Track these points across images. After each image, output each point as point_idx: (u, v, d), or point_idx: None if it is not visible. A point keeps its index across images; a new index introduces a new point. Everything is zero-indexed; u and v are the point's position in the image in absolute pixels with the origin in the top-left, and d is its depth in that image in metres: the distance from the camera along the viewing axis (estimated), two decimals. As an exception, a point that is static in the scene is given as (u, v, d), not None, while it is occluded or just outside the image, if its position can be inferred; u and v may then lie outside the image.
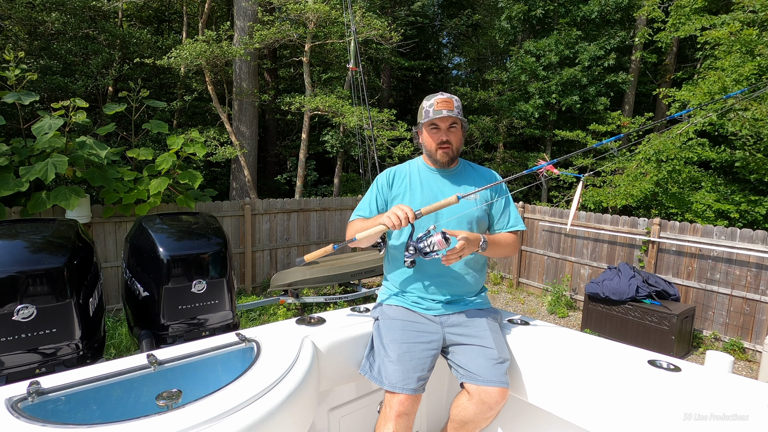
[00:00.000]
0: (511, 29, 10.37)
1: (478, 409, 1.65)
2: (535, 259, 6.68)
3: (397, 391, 1.61)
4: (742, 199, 6.83)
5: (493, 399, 1.63)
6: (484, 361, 1.68)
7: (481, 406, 1.65)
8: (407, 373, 1.63)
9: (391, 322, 1.81)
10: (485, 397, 1.64)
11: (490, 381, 1.64)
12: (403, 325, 1.78)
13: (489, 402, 1.64)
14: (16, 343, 1.95)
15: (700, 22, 6.87)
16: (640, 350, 1.71)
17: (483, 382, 1.64)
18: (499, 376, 1.66)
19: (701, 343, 4.86)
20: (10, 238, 2.19)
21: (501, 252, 1.90)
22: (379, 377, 1.67)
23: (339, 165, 9.69)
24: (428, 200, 1.85)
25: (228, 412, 1.21)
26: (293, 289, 5.09)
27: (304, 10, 7.18)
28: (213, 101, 7.85)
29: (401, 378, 1.62)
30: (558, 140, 10.14)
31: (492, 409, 1.65)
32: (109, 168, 4.86)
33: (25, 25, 7.63)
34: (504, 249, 1.91)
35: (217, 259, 2.63)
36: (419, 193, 1.91)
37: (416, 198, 1.90)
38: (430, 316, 1.84)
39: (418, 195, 1.91)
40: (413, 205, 1.76)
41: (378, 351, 1.75)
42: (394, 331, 1.76)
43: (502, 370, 1.68)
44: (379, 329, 1.82)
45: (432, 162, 1.95)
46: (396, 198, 1.94)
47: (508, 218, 1.98)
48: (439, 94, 1.87)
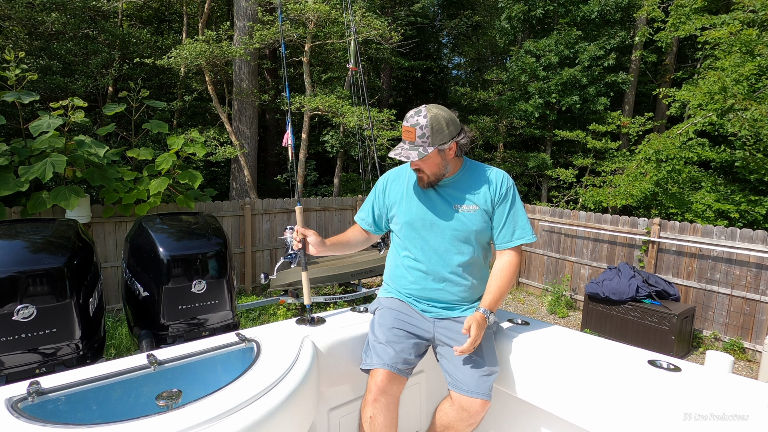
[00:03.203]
0: (511, 29, 10.37)
1: (458, 416, 1.68)
2: (535, 259, 6.68)
3: (379, 366, 1.66)
4: (742, 199, 6.83)
5: (473, 409, 1.65)
6: (471, 371, 1.68)
7: (461, 413, 1.67)
8: (393, 353, 1.69)
9: (386, 311, 1.84)
10: (466, 406, 1.65)
11: (473, 392, 1.65)
12: (396, 314, 1.82)
13: (469, 411, 1.65)
14: (16, 343, 1.95)
15: (700, 22, 6.87)
16: (640, 350, 1.71)
17: (467, 392, 1.66)
18: (484, 389, 1.65)
19: (701, 343, 4.86)
20: (10, 238, 2.19)
21: (507, 292, 1.76)
22: (370, 362, 1.71)
23: (339, 165, 9.69)
24: (421, 214, 1.78)
25: (228, 412, 1.21)
26: (293, 289, 5.09)
27: (304, 10, 7.18)
28: (213, 101, 7.85)
29: (385, 356, 1.68)
30: (558, 140, 10.14)
31: (472, 417, 1.66)
32: (109, 168, 4.86)
33: (25, 25, 7.63)
34: (507, 288, 1.75)
35: (217, 259, 2.64)
36: (415, 205, 1.81)
37: (411, 211, 1.81)
38: (425, 315, 1.84)
39: (413, 207, 1.81)
40: (406, 218, 1.80)
41: (370, 338, 1.79)
42: (387, 318, 1.80)
43: (488, 383, 1.67)
44: (373, 319, 1.87)
45: None
46: (392, 206, 1.88)
47: (512, 229, 1.76)
48: (406, 119, 1.68)
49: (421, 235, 1.79)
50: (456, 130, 1.71)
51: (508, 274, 1.74)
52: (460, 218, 1.74)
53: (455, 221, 1.74)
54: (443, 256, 1.77)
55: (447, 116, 1.68)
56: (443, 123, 1.66)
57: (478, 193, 1.75)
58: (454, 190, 1.78)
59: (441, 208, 1.77)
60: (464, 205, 1.74)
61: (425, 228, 1.78)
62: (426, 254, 1.79)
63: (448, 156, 1.72)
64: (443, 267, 1.77)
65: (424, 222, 1.78)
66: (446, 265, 1.77)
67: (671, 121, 9.81)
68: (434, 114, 1.66)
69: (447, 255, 1.77)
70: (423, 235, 1.79)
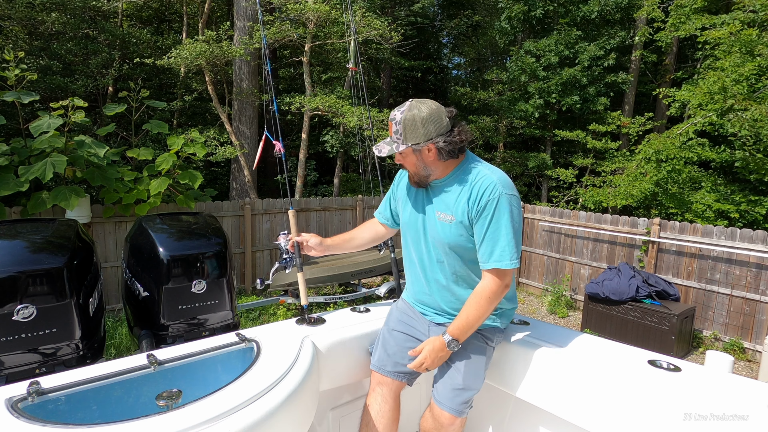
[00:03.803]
0: (510, 29, 10.37)
1: (433, 424, 1.70)
2: (535, 259, 6.68)
3: (374, 369, 1.79)
4: (742, 199, 6.83)
5: (444, 421, 1.65)
6: (446, 384, 1.67)
7: (434, 422, 1.70)
8: (385, 355, 1.78)
9: (394, 310, 1.91)
10: (438, 416, 1.67)
11: (443, 405, 1.66)
12: (399, 316, 1.86)
13: (441, 421, 1.66)
14: (16, 343, 1.95)
15: (700, 22, 6.87)
16: (640, 350, 1.71)
17: (438, 403, 1.68)
18: (455, 404, 1.64)
19: (701, 343, 4.86)
20: (10, 238, 2.19)
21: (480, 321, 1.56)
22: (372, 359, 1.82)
23: (339, 165, 9.69)
24: (412, 217, 1.73)
25: (228, 412, 1.20)
26: (293, 289, 5.08)
27: (304, 10, 7.18)
28: (213, 101, 7.85)
29: (378, 358, 1.79)
30: (558, 140, 10.14)
31: (444, 428, 1.66)
32: (109, 168, 4.86)
33: (25, 25, 7.63)
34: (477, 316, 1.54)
35: (217, 259, 2.64)
36: (410, 206, 1.75)
37: (406, 210, 1.77)
38: (420, 314, 1.85)
39: (408, 208, 1.76)
40: (403, 217, 1.80)
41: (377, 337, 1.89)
42: (390, 321, 1.87)
43: (461, 399, 1.64)
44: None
45: None
46: (399, 202, 1.85)
47: (491, 249, 1.51)
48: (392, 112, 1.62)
49: (412, 236, 1.75)
50: (436, 132, 1.54)
51: (478, 300, 1.54)
52: (437, 227, 1.63)
53: (433, 228, 1.65)
54: (428, 261, 1.71)
55: (427, 116, 1.54)
56: (418, 122, 1.54)
57: (458, 203, 1.58)
58: (441, 193, 1.63)
59: (427, 212, 1.67)
60: (443, 213, 1.61)
61: (415, 229, 1.73)
62: (417, 255, 1.75)
63: (426, 157, 1.58)
64: (429, 271, 1.72)
65: (414, 223, 1.73)
66: (431, 270, 1.71)
67: (671, 121, 9.80)
68: (412, 113, 1.55)
69: (430, 261, 1.70)
70: (414, 236, 1.74)
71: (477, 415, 2.08)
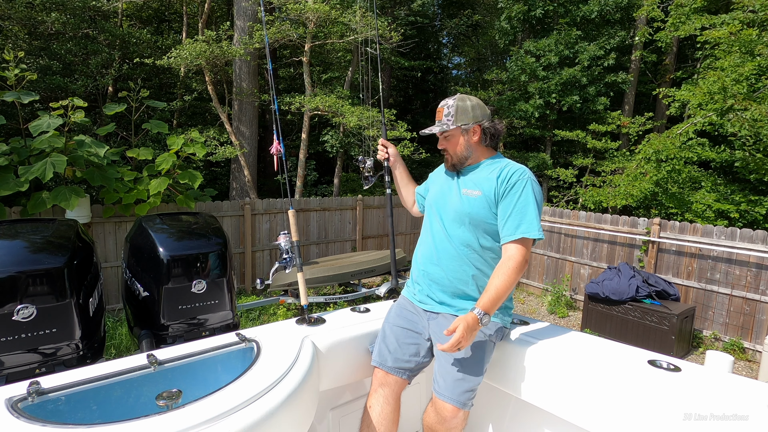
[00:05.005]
0: (510, 29, 10.37)
1: (435, 419, 1.69)
2: (535, 259, 6.68)
3: (375, 364, 1.81)
4: (742, 199, 6.83)
5: (446, 413, 1.63)
6: (448, 374, 1.67)
7: (436, 416, 1.68)
8: (386, 351, 1.80)
9: (393, 309, 1.95)
10: (440, 409, 1.66)
11: (444, 396, 1.65)
12: (399, 312, 1.89)
13: (443, 415, 1.64)
14: (16, 343, 1.94)
15: (700, 22, 6.87)
16: (640, 350, 1.71)
17: (439, 395, 1.67)
18: (455, 394, 1.63)
19: (701, 343, 4.86)
20: (10, 238, 2.19)
21: (507, 292, 1.62)
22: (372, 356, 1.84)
23: (339, 165, 9.69)
24: (437, 197, 1.90)
25: (228, 412, 1.21)
26: (293, 289, 5.08)
27: (304, 10, 7.18)
28: (213, 101, 7.85)
29: (379, 354, 1.81)
30: (558, 140, 10.14)
31: (446, 422, 1.64)
32: (109, 168, 4.86)
33: (25, 25, 7.63)
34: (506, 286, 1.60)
35: (217, 259, 2.64)
36: (438, 188, 1.94)
37: (434, 189, 1.96)
38: (420, 310, 1.86)
39: (436, 189, 1.95)
40: (430, 198, 1.96)
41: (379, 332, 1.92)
42: (390, 317, 1.91)
43: (462, 388, 1.63)
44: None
45: None
46: (430, 185, 2.04)
47: (518, 222, 1.65)
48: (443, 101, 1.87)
49: (434, 213, 1.88)
50: (482, 116, 1.82)
51: (507, 270, 1.61)
52: (462, 200, 1.78)
53: (457, 202, 1.79)
54: (444, 233, 1.81)
55: (476, 103, 1.83)
56: (468, 105, 1.81)
57: (486, 181, 1.77)
58: (471, 176, 1.83)
59: (453, 191, 1.84)
60: (470, 190, 1.78)
61: (438, 206, 1.87)
62: (433, 230, 1.87)
63: (471, 139, 1.81)
64: (442, 242, 1.81)
65: (438, 202, 1.88)
66: (445, 241, 1.80)
67: (671, 121, 9.80)
68: (463, 100, 1.82)
69: (447, 232, 1.81)
70: (436, 212, 1.87)
71: (477, 415, 2.08)
